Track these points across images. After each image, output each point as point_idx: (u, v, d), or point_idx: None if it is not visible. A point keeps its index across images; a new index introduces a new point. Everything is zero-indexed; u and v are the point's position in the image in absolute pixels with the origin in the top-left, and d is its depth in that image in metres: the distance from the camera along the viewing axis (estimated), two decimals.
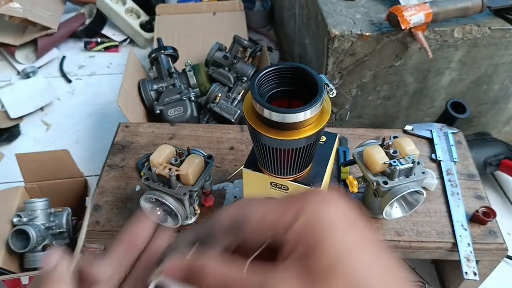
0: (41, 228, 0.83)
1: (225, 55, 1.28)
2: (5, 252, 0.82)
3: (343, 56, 0.96)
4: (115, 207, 0.82)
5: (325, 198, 0.22)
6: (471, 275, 0.72)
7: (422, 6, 0.87)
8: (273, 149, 0.53)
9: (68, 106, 1.47)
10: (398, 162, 0.67)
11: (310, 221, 0.21)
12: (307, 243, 0.21)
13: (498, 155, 1.08)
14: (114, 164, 0.90)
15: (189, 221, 0.77)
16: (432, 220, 0.79)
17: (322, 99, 0.48)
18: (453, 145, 0.92)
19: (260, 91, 0.51)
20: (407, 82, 1.03)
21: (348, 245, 0.20)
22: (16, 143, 1.34)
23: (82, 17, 1.74)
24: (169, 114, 1.16)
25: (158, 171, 0.67)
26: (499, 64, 1.00)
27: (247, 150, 0.92)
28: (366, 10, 0.99)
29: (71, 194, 1.01)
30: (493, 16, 0.96)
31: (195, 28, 1.61)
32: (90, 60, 1.68)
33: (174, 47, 1.30)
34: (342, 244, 0.20)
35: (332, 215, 0.21)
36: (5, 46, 1.62)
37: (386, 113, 1.12)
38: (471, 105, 1.09)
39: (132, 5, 1.74)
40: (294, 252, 0.21)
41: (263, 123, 0.51)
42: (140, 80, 1.24)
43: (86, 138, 1.34)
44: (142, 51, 1.70)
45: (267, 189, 0.65)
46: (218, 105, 1.19)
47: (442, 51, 0.97)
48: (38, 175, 0.95)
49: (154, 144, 0.94)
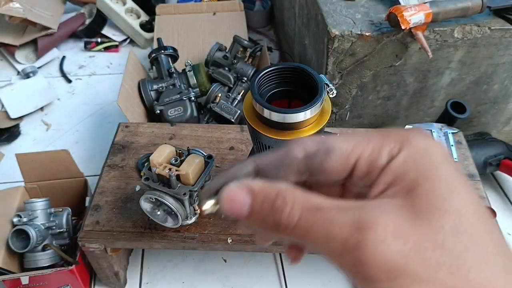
0: (41, 228, 0.83)
1: (225, 55, 1.28)
2: (5, 252, 0.82)
3: (343, 56, 0.96)
4: (115, 207, 0.82)
5: (428, 136, 0.21)
6: None
7: (422, 6, 0.87)
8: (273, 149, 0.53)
9: (68, 106, 1.47)
10: None
11: (417, 154, 0.20)
12: (412, 177, 0.19)
13: (498, 155, 1.08)
14: (114, 164, 0.90)
15: (189, 221, 0.77)
16: None
17: (322, 99, 0.48)
18: (453, 145, 0.92)
19: (260, 91, 0.51)
20: (407, 82, 1.03)
21: (457, 183, 0.19)
22: (16, 143, 1.34)
23: (82, 17, 1.74)
24: (169, 114, 1.16)
25: (158, 171, 0.67)
26: (499, 64, 1.00)
27: (247, 150, 0.92)
28: (366, 10, 0.99)
29: (71, 194, 1.01)
30: (493, 16, 0.96)
31: (195, 28, 1.61)
32: (90, 60, 1.68)
33: (174, 47, 1.30)
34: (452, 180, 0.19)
35: (439, 152, 0.20)
36: (5, 46, 1.62)
37: (386, 113, 1.12)
38: (471, 105, 1.09)
39: (132, 5, 1.74)
40: (394, 186, 0.19)
41: (263, 123, 0.51)
42: (140, 80, 1.24)
43: (86, 138, 1.34)
44: (142, 51, 1.70)
45: None
46: (218, 105, 1.19)
47: (442, 51, 0.97)
48: (38, 175, 0.95)
49: (154, 144, 0.94)
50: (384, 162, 0.20)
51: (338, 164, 0.21)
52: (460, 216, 0.18)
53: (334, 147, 0.21)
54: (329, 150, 0.21)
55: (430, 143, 0.20)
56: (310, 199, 0.20)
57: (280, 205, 0.20)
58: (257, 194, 0.20)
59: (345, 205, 0.19)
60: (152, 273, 0.98)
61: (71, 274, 0.84)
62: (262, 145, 0.54)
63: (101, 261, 0.84)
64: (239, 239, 0.77)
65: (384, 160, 0.20)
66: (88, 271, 0.92)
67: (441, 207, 0.18)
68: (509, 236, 1.07)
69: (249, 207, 0.20)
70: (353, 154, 0.21)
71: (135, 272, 0.98)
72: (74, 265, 0.83)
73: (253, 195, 0.20)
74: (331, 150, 0.21)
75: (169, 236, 0.77)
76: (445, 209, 0.18)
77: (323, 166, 0.21)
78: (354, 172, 0.21)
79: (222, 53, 1.28)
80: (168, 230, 0.77)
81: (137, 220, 0.79)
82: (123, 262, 0.95)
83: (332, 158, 0.21)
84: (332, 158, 0.21)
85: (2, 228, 0.83)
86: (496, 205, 1.12)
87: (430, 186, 0.19)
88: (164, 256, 1.01)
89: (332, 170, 0.21)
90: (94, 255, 0.82)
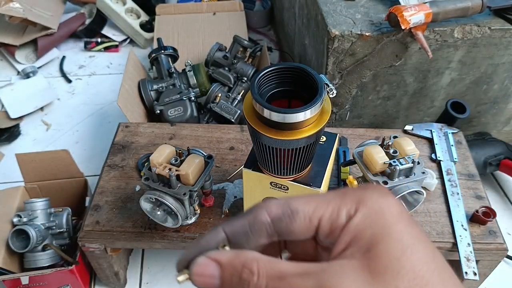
0: (41, 228, 0.83)
1: (225, 55, 1.28)
2: (5, 252, 0.82)
3: (343, 56, 0.96)
4: (115, 207, 0.82)
5: (383, 193, 0.22)
6: (471, 275, 0.72)
7: (422, 6, 0.87)
8: (273, 149, 0.53)
9: (68, 106, 1.47)
10: (398, 162, 0.67)
11: (372, 214, 0.21)
12: (368, 236, 0.20)
13: (498, 155, 1.08)
14: (114, 164, 0.90)
15: (189, 221, 0.77)
16: (432, 220, 0.79)
17: (322, 99, 0.48)
18: (453, 145, 0.92)
19: (260, 91, 0.51)
20: (407, 82, 1.03)
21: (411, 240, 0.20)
22: (16, 143, 1.34)
23: (82, 17, 1.74)
24: (169, 114, 1.16)
25: (158, 171, 0.67)
26: (499, 64, 1.00)
27: (247, 150, 0.92)
28: (366, 10, 0.99)
29: (71, 194, 1.01)
30: (493, 16, 0.96)
31: (195, 28, 1.61)
32: (90, 60, 1.68)
33: (174, 47, 1.30)
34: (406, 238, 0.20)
35: (393, 210, 0.21)
36: (5, 46, 1.62)
37: (386, 113, 1.12)
38: (471, 105, 1.09)
39: (132, 5, 1.74)
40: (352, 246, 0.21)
41: (263, 123, 0.51)
42: (140, 80, 1.24)
43: (86, 138, 1.34)
44: (142, 51, 1.70)
45: (267, 189, 0.65)
46: (218, 105, 1.19)
47: (442, 51, 0.97)
48: (38, 175, 0.95)
49: (154, 144, 0.94)
50: (343, 222, 0.22)
51: (302, 226, 0.22)
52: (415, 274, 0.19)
53: (297, 210, 0.23)
54: (293, 213, 0.23)
55: (385, 202, 0.22)
56: (275, 266, 0.21)
57: (246, 277, 0.21)
58: (225, 266, 0.22)
59: (307, 269, 0.20)
60: (152, 273, 0.98)
61: (71, 274, 0.84)
62: (262, 145, 0.54)
63: (101, 261, 0.84)
64: None
65: (343, 220, 0.22)
66: (88, 271, 0.92)
67: (395, 268, 0.19)
68: (509, 236, 1.07)
69: (219, 279, 0.22)
70: (314, 216, 0.22)
71: (135, 272, 0.98)
72: (74, 265, 0.83)
73: (222, 267, 0.22)
74: (295, 213, 0.23)
75: (169, 236, 0.77)
76: (399, 269, 0.19)
77: (289, 228, 0.23)
78: (319, 232, 0.22)
79: (222, 53, 1.28)
80: (168, 230, 0.77)
81: (137, 220, 0.79)
82: (123, 262, 0.95)
83: (296, 221, 0.22)
84: (296, 221, 0.22)
85: (2, 228, 0.83)
86: (496, 205, 1.12)
87: (384, 247, 0.20)
88: (164, 256, 1.01)
89: (298, 232, 0.23)
90: (94, 255, 0.82)
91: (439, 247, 0.76)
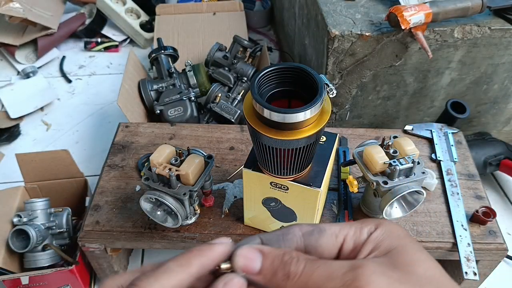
0: (41, 228, 0.83)
1: (225, 55, 1.28)
2: (5, 252, 0.82)
3: (343, 56, 0.96)
4: (115, 207, 0.82)
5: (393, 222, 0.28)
6: (471, 275, 0.72)
7: (422, 6, 0.87)
8: (273, 149, 0.53)
9: (68, 106, 1.47)
10: (398, 162, 0.67)
11: (387, 231, 0.27)
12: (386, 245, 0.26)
13: (498, 155, 1.08)
14: (114, 164, 0.90)
15: (189, 221, 0.77)
16: (432, 220, 0.79)
17: (322, 99, 0.48)
18: (453, 145, 0.92)
19: (260, 91, 0.51)
20: (407, 82, 1.03)
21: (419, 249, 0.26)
22: (16, 143, 1.34)
23: (82, 17, 1.74)
24: (169, 114, 1.16)
25: (158, 171, 0.67)
26: (499, 64, 1.00)
27: (247, 150, 0.92)
28: (366, 10, 0.99)
29: (71, 194, 1.01)
30: (493, 16, 0.96)
31: (195, 28, 1.61)
32: (90, 60, 1.68)
33: (174, 47, 1.30)
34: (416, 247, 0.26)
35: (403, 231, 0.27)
36: (5, 46, 1.62)
37: (386, 113, 1.12)
38: (471, 105, 1.09)
39: (132, 5, 1.74)
40: (374, 252, 0.26)
41: (263, 123, 0.51)
42: (140, 80, 1.24)
43: (86, 138, 1.34)
44: (142, 51, 1.70)
45: (267, 189, 0.65)
46: (218, 105, 1.19)
47: (442, 51, 0.97)
48: (38, 175, 0.95)
49: (154, 144, 0.94)
50: (365, 237, 0.27)
51: (329, 241, 0.27)
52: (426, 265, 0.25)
53: (325, 228, 0.27)
54: (322, 230, 0.27)
55: (396, 226, 0.28)
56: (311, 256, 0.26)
57: (288, 259, 0.25)
58: (267, 254, 0.26)
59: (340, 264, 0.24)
60: None
61: (71, 274, 0.84)
62: (262, 145, 0.54)
63: (101, 261, 0.84)
64: (239, 239, 0.77)
65: (365, 236, 0.27)
66: (88, 271, 0.92)
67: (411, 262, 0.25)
68: (509, 236, 1.07)
69: (260, 264, 0.25)
70: (340, 234, 0.27)
71: None
72: (74, 265, 0.83)
73: (264, 255, 0.26)
74: (323, 230, 0.27)
75: (169, 236, 0.77)
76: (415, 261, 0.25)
77: (317, 242, 0.27)
78: (343, 247, 0.27)
79: (222, 53, 1.28)
80: (168, 230, 0.77)
81: (137, 220, 0.79)
82: (123, 262, 0.95)
83: (324, 236, 0.27)
84: (324, 236, 0.27)
85: (2, 228, 0.83)
86: (496, 205, 1.12)
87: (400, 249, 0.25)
88: (164, 256, 1.01)
89: (324, 247, 0.27)
90: (94, 255, 0.82)
91: (439, 247, 0.76)
